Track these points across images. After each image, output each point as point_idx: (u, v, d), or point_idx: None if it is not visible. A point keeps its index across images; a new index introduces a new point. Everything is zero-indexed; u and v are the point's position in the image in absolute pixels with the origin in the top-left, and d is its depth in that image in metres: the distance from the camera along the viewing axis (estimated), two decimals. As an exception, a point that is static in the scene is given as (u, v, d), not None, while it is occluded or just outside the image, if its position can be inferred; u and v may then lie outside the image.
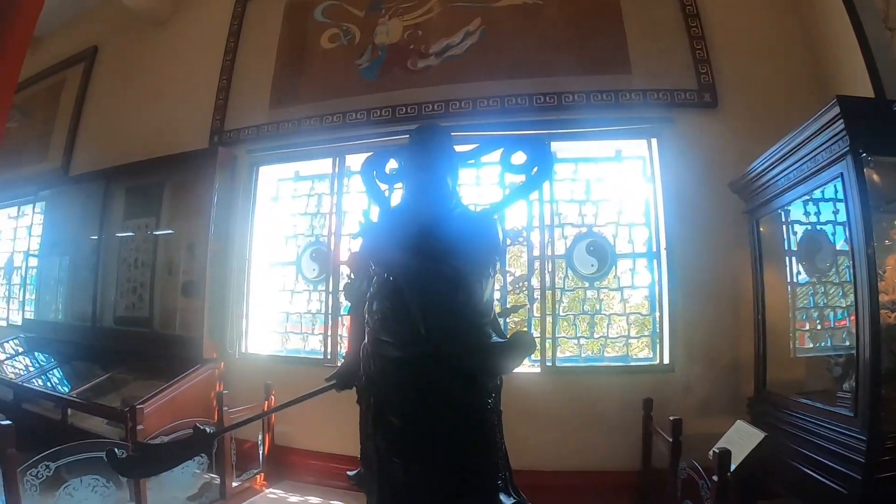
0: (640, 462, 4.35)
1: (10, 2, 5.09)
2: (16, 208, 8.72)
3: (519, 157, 2.71)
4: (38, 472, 3.11)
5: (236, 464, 4.62)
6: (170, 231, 6.00)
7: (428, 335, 2.33)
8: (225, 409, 4.35)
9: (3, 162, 8.16)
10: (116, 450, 2.88)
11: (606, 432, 4.50)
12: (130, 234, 6.27)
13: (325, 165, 5.65)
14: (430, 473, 2.34)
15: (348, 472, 2.80)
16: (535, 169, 2.65)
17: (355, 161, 5.46)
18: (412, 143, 2.69)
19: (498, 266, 2.59)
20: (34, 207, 7.84)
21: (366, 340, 2.58)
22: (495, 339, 2.43)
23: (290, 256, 5.67)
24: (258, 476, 4.88)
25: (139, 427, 3.88)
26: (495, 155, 2.79)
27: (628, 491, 4.37)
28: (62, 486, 3.21)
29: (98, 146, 7.29)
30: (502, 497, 2.45)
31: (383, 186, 3.00)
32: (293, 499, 4.68)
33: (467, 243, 2.41)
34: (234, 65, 6.25)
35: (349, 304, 2.93)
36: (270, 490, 4.82)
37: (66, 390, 5.60)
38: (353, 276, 2.86)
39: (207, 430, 2.86)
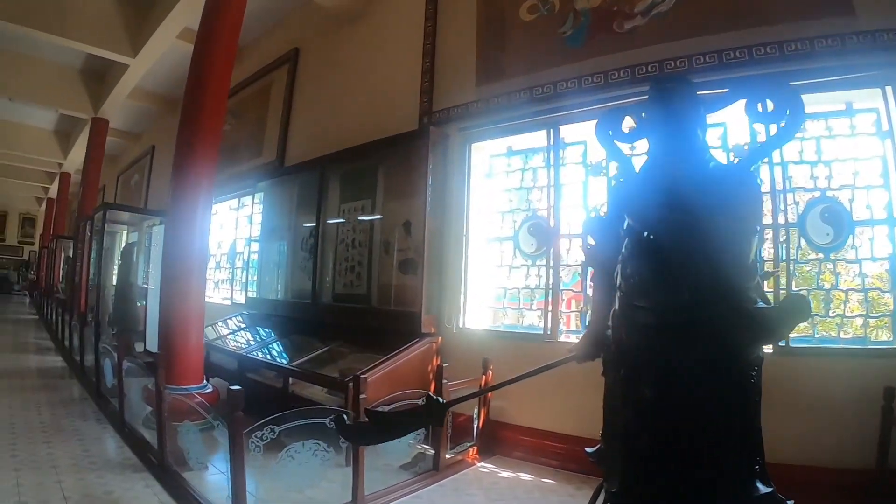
0: (875, 460, 3.65)
1: (217, 21, 5.68)
2: (236, 200, 9.55)
3: (764, 106, 2.44)
4: (262, 434, 3.24)
5: (451, 436, 4.67)
6: (385, 211, 6.22)
7: (691, 299, 2.13)
8: (445, 381, 4.40)
9: (224, 160, 8.97)
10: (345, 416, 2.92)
11: (835, 423, 3.91)
12: (346, 216, 6.59)
13: (537, 138, 5.54)
14: (683, 451, 2.12)
15: (587, 449, 2.63)
16: (785, 118, 2.35)
17: (569, 132, 5.33)
18: (656, 96, 2.49)
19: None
20: (253, 198, 8.54)
21: (615, 307, 2.42)
22: (760, 304, 2.18)
23: (506, 232, 5.63)
24: (471, 449, 4.88)
25: (362, 396, 3.98)
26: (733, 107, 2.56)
27: (854, 492, 3.66)
28: (284, 449, 3.34)
29: (309, 138, 7.78)
30: (759, 485, 2.16)
31: (623, 146, 2.82)
32: (504, 474, 4.63)
33: (730, 198, 2.19)
34: (434, 47, 6.35)
35: (591, 270, 2.78)
36: (482, 464, 4.80)
37: (286, 362, 6.00)
38: (594, 241, 2.71)
39: (440, 400, 2.85)
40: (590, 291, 4.98)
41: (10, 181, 25.52)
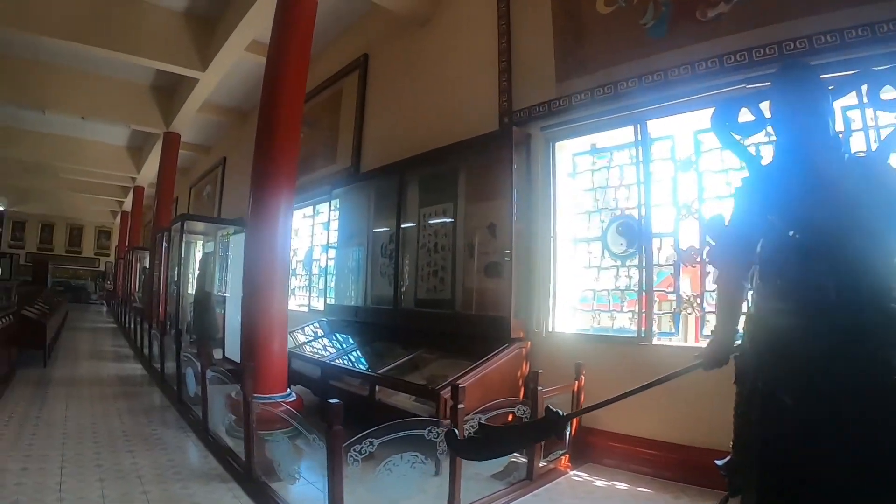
0: None
1: (288, 31, 5.74)
2: (311, 207, 9.66)
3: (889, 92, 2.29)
4: (361, 447, 3.20)
5: (542, 444, 4.51)
6: (468, 214, 6.17)
7: (839, 301, 1.99)
8: (540, 388, 4.28)
9: (298, 168, 9.10)
10: (455, 430, 2.88)
11: None
12: (426, 221, 6.58)
13: (623, 134, 5.39)
14: (830, 463, 1.96)
15: (716, 462, 2.48)
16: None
17: (656, 127, 5.15)
18: (782, 84, 2.37)
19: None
20: (330, 205, 8.61)
21: (750, 311, 2.31)
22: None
23: (594, 232, 5.50)
24: (563, 457, 4.72)
25: (460, 406, 3.81)
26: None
27: None
28: (383, 462, 3.27)
29: (384, 143, 7.83)
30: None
31: (740, 138, 2.67)
32: (598, 483, 4.49)
33: (873, 192, 2.05)
34: (510, 45, 6.26)
35: (717, 271, 2.63)
36: (575, 472, 4.67)
37: (369, 369, 6.00)
38: (717, 241, 2.58)
39: (560, 413, 2.75)
40: (684, 292, 4.85)
41: (86, 196, 26.53)
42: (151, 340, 9.54)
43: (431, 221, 6.52)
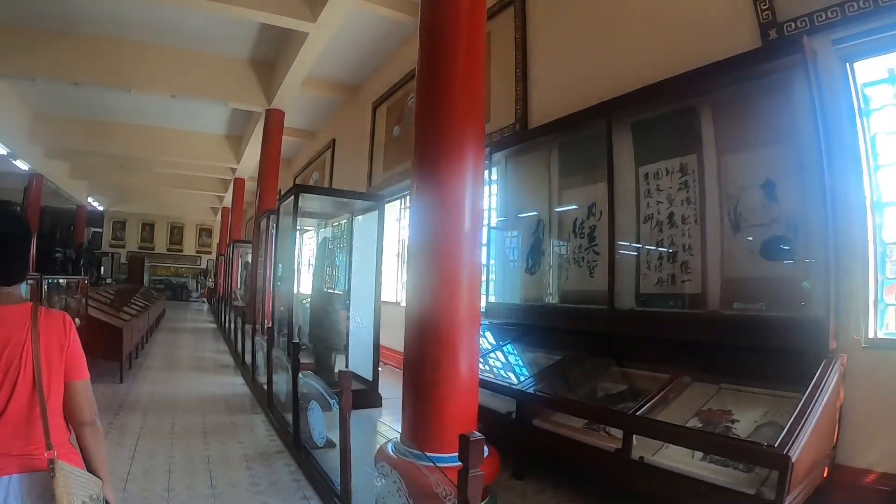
0: None
1: None
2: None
3: None
4: None
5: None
6: (722, 171, 4.29)
7: None
8: None
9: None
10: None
11: None
12: (649, 184, 4.76)
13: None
14: None
15: None
16: None
17: None
18: None
19: None
20: (489, 174, 6.70)
21: None
22: None
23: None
24: None
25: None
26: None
27: None
28: None
29: (564, 86, 6.14)
30: None
31: None
32: None
33: None
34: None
35: None
36: None
37: (585, 401, 4.37)
38: None
39: None
40: None
41: (185, 192, 26.82)
42: (255, 349, 8.13)
43: (658, 183, 4.69)
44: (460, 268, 3.76)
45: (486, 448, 3.50)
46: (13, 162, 16.86)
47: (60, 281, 7.19)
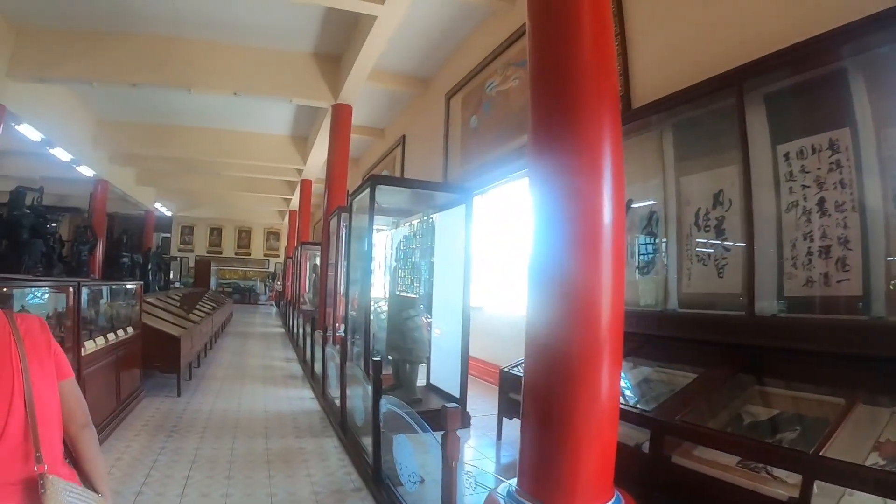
0: None
1: None
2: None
3: None
4: None
5: None
6: (883, 146, 3.60)
7: None
8: None
9: (514, 129, 7.05)
10: None
11: None
12: (790, 164, 4.07)
13: None
14: None
15: None
16: None
17: None
18: None
19: None
20: None
21: None
22: None
23: None
24: None
25: None
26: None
27: None
28: None
29: (674, 58, 5.43)
30: None
31: None
32: None
33: None
34: None
35: None
36: None
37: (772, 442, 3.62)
38: None
39: None
40: None
41: (253, 195, 27.34)
42: (325, 360, 7.57)
43: (802, 164, 4.02)
44: (600, 270, 2.97)
45: (617, 494, 2.96)
46: (77, 169, 17.32)
47: (112, 286, 6.81)
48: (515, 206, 9.19)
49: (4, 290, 4.07)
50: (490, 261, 9.79)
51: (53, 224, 9.92)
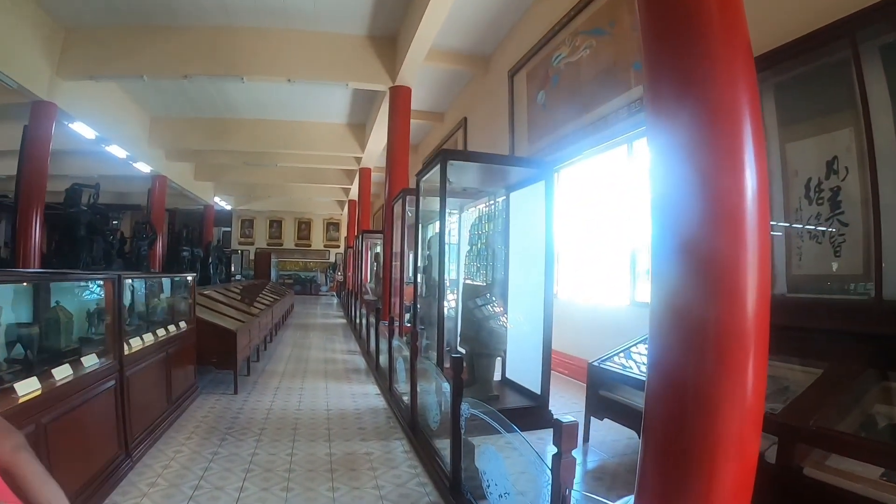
0: None
1: None
2: (626, 144, 7.17)
3: None
4: None
5: None
6: None
7: None
8: None
9: (594, 96, 6.68)
10: None
11: None
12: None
13: None
14: None
15: None
16: None
17: None
18: None
19: None
20: None
21: None
22: None
23: None
24: None
25: None
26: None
27: None
28: None
29: (769, 10, 4.99)
30: None
31: None
32: None
33: None
34: None
35: None
36: None
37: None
38: None
39: None
40: None
41: (312, 186, 27.70)
42: (392, 353, 7.13)
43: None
44: (744, 245, 2.40)
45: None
46: (134, 165, 17.77)
47: (163, 279, 6.70)
48: (596, 182, 8.75)
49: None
50: (564, 245, 9.40)
51: (115, 221, 10.07)
